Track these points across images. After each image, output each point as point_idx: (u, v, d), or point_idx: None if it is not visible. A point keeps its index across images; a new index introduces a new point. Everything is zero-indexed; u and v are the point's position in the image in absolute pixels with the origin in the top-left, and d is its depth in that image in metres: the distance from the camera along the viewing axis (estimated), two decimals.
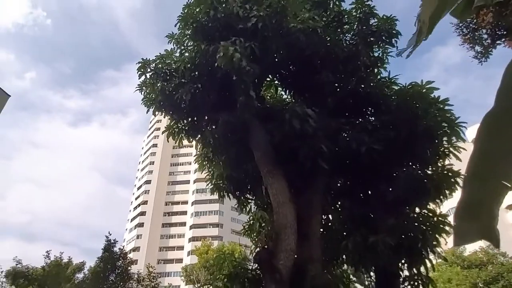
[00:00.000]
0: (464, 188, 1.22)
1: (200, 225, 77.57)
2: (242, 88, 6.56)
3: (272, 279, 5.55)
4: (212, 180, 8.80)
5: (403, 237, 5.78)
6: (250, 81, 6.54)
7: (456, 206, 1.24)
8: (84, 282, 11.85)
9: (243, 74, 6.39)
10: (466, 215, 1.22)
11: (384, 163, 6.26)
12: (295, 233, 6.00)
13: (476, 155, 1.19)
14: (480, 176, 1.19)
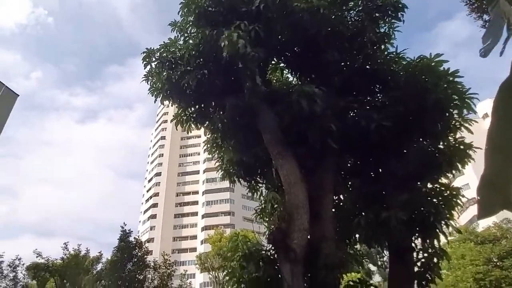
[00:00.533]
0: (486, 160, 1.22)
1: (212, 214, 78.48)
2: (248, 74, 6.55)
3: (286, 258, 5.63)
4: (222, 166, 8.85)
5: (416, 211, 5.78)
6: (255, 67, 6.52)
7: (479, 179, 1.25)
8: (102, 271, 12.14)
9: (248, 60, 6.37)
10: (489, 187, 1.22)
11: (394, 139, 6.23)
12: (307, 212, 6.05)
13: (495, 125, 1.18)
14: (501, 146, 1.18)
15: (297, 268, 5.63)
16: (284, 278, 5.55)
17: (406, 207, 5.74)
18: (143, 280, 11.95)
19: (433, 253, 5.86)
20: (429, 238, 5.87)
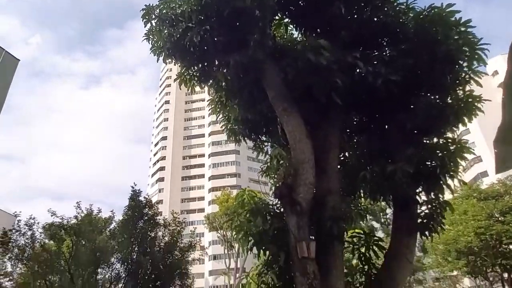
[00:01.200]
0: (503, 114, 1.18)
1: (218, 176, 79.99)
2: (260, 26, 6.35)
3: (292, 211, 5.78)
4: (227, 125, 8.86)
5: (421, 165, 5.81)
6: (270, 15, 6.31)
7: (496, 133, 1.21)
8: (115, 229, 12.63)
9: (266, 8, 6.14)
10: (506, 140, 1.19)
11: (402, 93, 6.12)
12: (313, 167, 6.11)
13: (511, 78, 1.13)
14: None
15: (303, 220, 5.79)
16: (291, 230, 5.72)
17: (412, 160, 5.75)
18: (154, 237, 12.40)
19: (437, 205, 5.97)
20: (433, 191, 5.95)
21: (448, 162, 5.98)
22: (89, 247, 11.26)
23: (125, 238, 11.88)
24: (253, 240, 6.04)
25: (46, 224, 11.52)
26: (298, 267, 5.60)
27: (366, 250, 6.38)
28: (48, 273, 10.79)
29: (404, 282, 6.59)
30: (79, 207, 11.81)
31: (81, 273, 11.14)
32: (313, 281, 5.51)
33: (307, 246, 5.64)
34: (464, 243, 23.02)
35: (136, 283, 11.76)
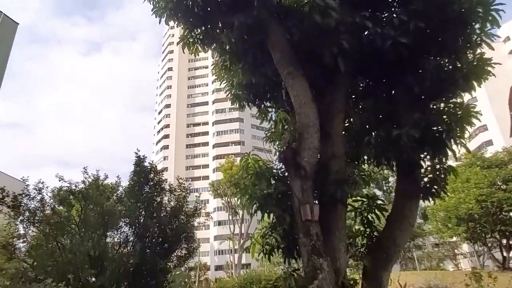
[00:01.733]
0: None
1: (222, 144, 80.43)
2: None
3: (297, 175, 5.81)
4: (231, 90, 8.76)
5: (427, 130, 5.75)
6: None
7: (509, 97, 1.15)
8: (122, 195, 12.88)
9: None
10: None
11: (410, 56, 5.94)
12: (317, 132, 6.08)
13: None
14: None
15: (307, 184, 5.84)
16: (295, 194, 5.79)
17: (418, 125, 5.69)
18: (160, 202, 12.67)
19: (441, 170, 5.97)
20: (438, 156, 5.93)
21: (455, 128, 5.91)
22: (97, 211, 11.54)
23: (132, 203, 12.15)
24: (258, 203, 6.13)
25: (55, 188, 11.74)
26: (302, 229, 5.72)
27: (368, 214, 6.49)
28: (59, 235, 11.15)
29: (405, 244, 6.76)
30: (86, 172, 12.00)
31: (90, 235, 11.50)
32: (316, 242, 5.65)
33: (311, 209, 5.73)
34: (464, 210, 23.33)
35: (144, 246, 12.16)
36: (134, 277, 11.32)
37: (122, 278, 11.29)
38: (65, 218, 11.53)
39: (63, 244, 11.31)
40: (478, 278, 11.66)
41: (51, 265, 10.77)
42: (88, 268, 10.74)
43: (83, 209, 11.48)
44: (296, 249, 6.46)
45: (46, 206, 11.41)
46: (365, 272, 6.06)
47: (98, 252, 11.29)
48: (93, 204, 11.47)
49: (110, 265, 11.44)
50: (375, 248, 6.16)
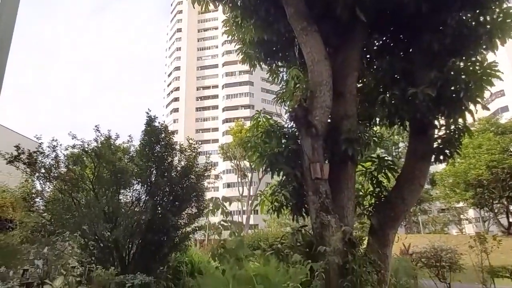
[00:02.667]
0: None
1: (232, 107, 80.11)
2: None
3: (307, 133, 5.77)
4: (242, 49, 8.55)
5: (444, 89, 5.57)
6: None
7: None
8: (134, 154, 13.06)
9: None
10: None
11: (432, 10, 5.63)
12: (330, 90, 5.95)
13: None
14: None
15: (318, 143, 5.81)
16: (305, 152, 5.78)
17: (435, 84, 5.51)
18: (171, 161, 12.83)
19: (455, 130, 5.85)
20: (454, 116, 5.78)
21: (473, 87, 5.70)
22: (110, 169, 11.77)
23: (143, 162, 12.32)
24: (268, 161, 6.15)
25: (68, 146, 11.92)
26: (311, 187, 5.77)
27: (378, 174, 6.48)
28: (74, 191, 11.49)
29: (413, 204, 6.80)
30: (98, 130, 12.10)
31: (104, 192, 11.82)
32: (325, 200, 5.71)
33: (321, 168, 5.74)
34: (474, 176, 23.27)
35: (155, 203, 12.47)
36: (146, 232, 11.75)
37: (135, 233, 11.73)
38: (80, 175, 11.80)
39: (78, 200, 11.67)
40: (483, 240, 11.80)
41: (67, 219, 11.20)
42: (103, 223, 11.14)
43: (96, 167, 11.71)
44: (305, 207, 6.57)
45: (61, 163, 11.65)
46: (372, 230, 6.16)
47: (112, 208, 11.66)
48: (105, 163, 11.66)
49: (124, 220, 11.85)
50: (383, 207, 6.21)
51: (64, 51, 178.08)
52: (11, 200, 16.45)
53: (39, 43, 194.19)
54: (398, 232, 6.79)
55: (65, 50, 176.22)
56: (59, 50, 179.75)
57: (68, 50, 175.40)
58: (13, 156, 11.28)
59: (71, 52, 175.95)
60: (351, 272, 5.36)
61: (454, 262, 12.13)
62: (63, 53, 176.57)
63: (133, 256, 12.10)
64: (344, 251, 5.57)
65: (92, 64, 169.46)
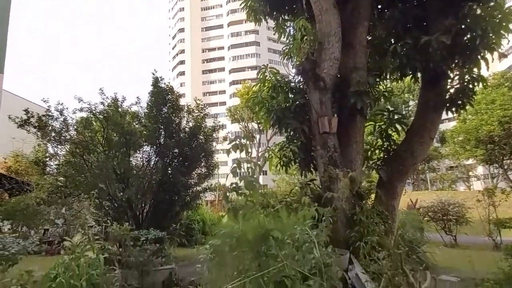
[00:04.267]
0: None
1: (239, 69, 78.85)
2: None
3: (315, 87, 5.65)
4: (248, 2, 8.19)
5: (459, 36, 5.30)
6: None
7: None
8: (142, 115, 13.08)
9: None
10: None
11: None
12: (339, 41, 5.73)
13: None
14: None
15: (326, 96, 5.70)
16: (313, 106, 5.69)
17: (450, 31, 5.24)
18: (179, 122, 12.85)
19: (470, 79, 5.63)
20: (469, 65, 5.55)
21: (490, 33, 5.41)
22: (118, 131, 11.86)
23: (151, 124, 12.36)
24: (275, 117, 6.09)
25: (75, 109, 11.95)
26: (319, 141, 5.74)
27: (387, 128, 6.38)
28: (85, 154, 11.68)
29: (422, 158, 6.74)
30: (103, 93, 12.05)
31: (115, 154, 11.99)
32: (333, 154, 5.70)
33: (329, 121, 5.67)
34: (485, 132, 22.91)
35: (165, 164, 12.67)
36: (158, 192, 12.05)
37: (147, 192, 12.05)
38: (90, 138, 11.94)
39: (90, 162, 11.89)
40: (491, 194, 11.85)
41: (80, 180, 11.49)
42: (116, 183, 11.42)
43: (105, 130, 11.80)
44: (313, 163, 6.58)
45: (70, 127, 11.75)
46: (380, 183, 6.17)
47: (123, 169, 11.89)
48: (114, 125, 11.72)
49: (136, 181, 12.12)
50: (391, 161, 6.18)
51: (66, 17, 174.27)
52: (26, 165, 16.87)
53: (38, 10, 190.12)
54: (405, 190, 6.79)
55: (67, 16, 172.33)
56: (61, 15, 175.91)
57: (70, 16, 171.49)
58: (23, 120, 11.41)
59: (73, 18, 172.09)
60: (358, 223, 5.46)
61: (461, 215, 12.30)
62: (65, 19, 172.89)
63: (146, 214, 12.52)
64: (352, 203, 5.65)
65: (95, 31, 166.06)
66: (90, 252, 5.57)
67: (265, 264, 2.07)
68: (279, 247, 2.11)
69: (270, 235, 1.97)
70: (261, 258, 2.07)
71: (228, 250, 2.26)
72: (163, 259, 7.32)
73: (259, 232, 2.14)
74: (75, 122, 12.45)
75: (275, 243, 2.07)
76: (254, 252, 2.13)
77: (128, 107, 12.79)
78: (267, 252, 2.09)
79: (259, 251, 2.12)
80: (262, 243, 2.13)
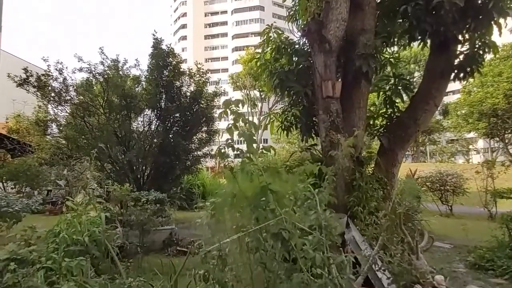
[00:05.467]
0: None
1: (242, 34, 76.92)
2: None
3: (320, 49, 5.47)
4: None
5: None
6: None
7: None
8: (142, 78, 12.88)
9: None
10: None
11: None
12: (347, 1, 5.49)
13: None
14: None
15: (331, 59, 5.54)
16: (317, 69, 5.55)
17: None
18: (180, 86, 12.67)
19: (481, 44, 5.44)
20: (481, 30, 5.33)
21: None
22: (119, 93, 11.71)
23: (152, 87, 12.19)
24: (278, 80, 5.95)
25: (75, 69, 11.73)
26: (322, 105, 5.65)
27: (392, 94, 6.26)
28: (86, 115, 11.61)
29: (425, 126, 6.68)
30: (103, 53, 11.77)
31: (115, 116, 11.92)
32: (336, 119, 5.63)
33: (333, 85, 5.55)
34: (489, 105, 22.64)
35: (166, 128, 12.64)
36: (159, 155, 12.10)
37: (148, 156, 12.10)
38: (90, 99, 11.81)
39: (91, 124, 11.85)
40: (491, 166, 11.90)
41: (81, 141, 11.50)
42: (116, 145, 11.45)
43: (105, 91, 11.65)
44: (314, 129, 6.52)
45: (70, 87, 11.59)
46: (381, 150, 6.15)
47: (124, 131, 11.88)
48: (114, 87, 11.55)
49: (137, 144, 12.15)
50: (394, 128, 6.11)
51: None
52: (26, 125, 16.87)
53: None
54: (405, 158, 6.77)
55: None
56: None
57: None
58: (22, 79, 11.24)
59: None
60: (358, 189, 5.50)
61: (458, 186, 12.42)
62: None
63: (147, 177, 12.66)
64: (352, 169, 5.66)
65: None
66: (92, 212, 5.68)
67: (264, 219, 2.07)
68: (277, 202, 2.09)
69: (269, 189, 1.95)
70: (259, 213, 2.06)
71: (227, 207, 2.25)
72: (163, 218, 7.47)
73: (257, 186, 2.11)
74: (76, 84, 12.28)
75: (274, 198, 2.06)
76: (252, 207, 2.12)
77: (127, 68, 12.53)
78: (266, 208, 2.07)
79: (256, 205, 2.10)
80: (260, 197, 2.12)
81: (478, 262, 5.88)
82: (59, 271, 4.26)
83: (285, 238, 1.84)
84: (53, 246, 5.07)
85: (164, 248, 7.29)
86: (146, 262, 5.98)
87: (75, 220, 5.45)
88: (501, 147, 30.36)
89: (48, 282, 3.91)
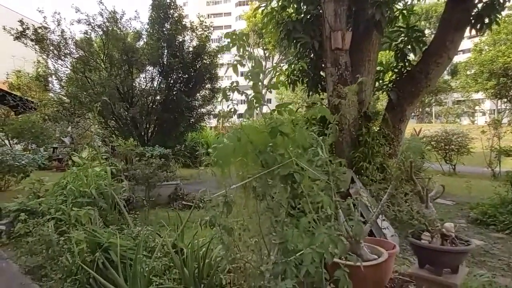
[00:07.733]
0: None
1: None
2: None
3: None
4: None
5: None
6: None
7: None
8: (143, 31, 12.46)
9: None
10: None
11: None
12: None
13: None
14: None
15: (342, 8, 5.24)
16: (326, 19, 5.27)
17: None
18: (182, 41, 12.27)
19: None
20: None
21: None
22: (119, 47, 11.37)
23: (154, 41, 11.81)
24: (285, 30, 5.68)
25: (73, 20, 11.31)
26: (330, 58, 5.44)
27: (404, 46, 5.99)
28: (86, 70, 11.38)
29: (436, 81, 6.45)
30: (101, 3, 11.27)
31: (117, 72, 11.68)
32: (344, 72, 5.44)
33: (342, 37, 5.30)
34: (500, 64, 21.87)
35: (168, 84, 12.43)
36: (162, 112, 12.01)
37: (151, 112, 12.03)
38: (90, 53, 11.50)
39: (92, 80, 11.65)
40: (497, 125, 11.73)
41: (84, 97, 11.37)
42: (119, 101, 11.32)
43: (105, 45, 11.31)
44: (321, 84, 6.34)
45: (69, 40, 11.26)
46: (389, 106, 5.99)
47: (126, 87, 11.69)
48: (114, 40, 11.19)
49: (140, 100, 12.02)
50: (404, 83, 5.91)
51: None
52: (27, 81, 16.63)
53: None
54: (409, 122, 6.61)
55: None
56: None
57: None
58: (18, 32, 10.90)
59: None
60: (364, 144, 5.44)
61: (463, 145, 12.35)
62: None
63: (151, 134, 12.66)
64: (359, 125, 5.56)
65: None
66: (97, 168, 5.71)
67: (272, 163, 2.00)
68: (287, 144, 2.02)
69: (278, 131, 1.87)
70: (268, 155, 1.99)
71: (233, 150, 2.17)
72: (169, 173, 7.53)
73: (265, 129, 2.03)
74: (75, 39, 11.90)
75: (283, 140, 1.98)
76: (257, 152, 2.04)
77: (127, 20, 12.05)
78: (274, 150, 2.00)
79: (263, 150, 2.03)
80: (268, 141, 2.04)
81: (479, 218, 5.94)
82: (68, 221, 4.36)
83: (295, 181, 1.79)
84: (61, 198, 5.17)
85: (170, 202, 7.42)
86: (153, 215, 6.10)
87: (81, 173, 5.50)
88: (508, 108, 29.85)
89: (59, 232, 4.01)
